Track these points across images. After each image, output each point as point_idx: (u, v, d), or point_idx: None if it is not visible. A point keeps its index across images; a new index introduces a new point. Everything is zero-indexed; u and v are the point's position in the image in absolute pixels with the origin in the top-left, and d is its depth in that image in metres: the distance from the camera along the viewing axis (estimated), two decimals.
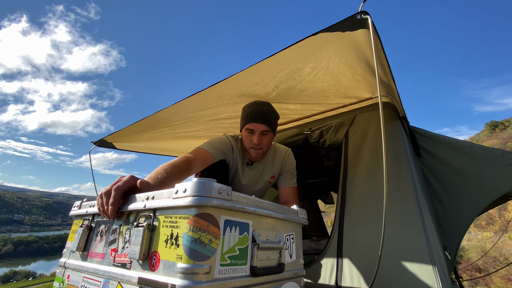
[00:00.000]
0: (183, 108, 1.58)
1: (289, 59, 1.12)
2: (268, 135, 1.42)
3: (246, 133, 1.42)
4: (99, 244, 0.79)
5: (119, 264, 0.68)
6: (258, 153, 1.41)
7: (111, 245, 0.74)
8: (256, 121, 1.37)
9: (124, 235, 0.71)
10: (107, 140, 2.11)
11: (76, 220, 0.96)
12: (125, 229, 0.72)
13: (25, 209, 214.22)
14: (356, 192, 1.49)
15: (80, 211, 0.94)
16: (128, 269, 0.65)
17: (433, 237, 1.17)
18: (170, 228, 0.60)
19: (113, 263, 0.70)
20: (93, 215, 0.88)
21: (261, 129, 1.38)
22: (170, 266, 0.56)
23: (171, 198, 0.62)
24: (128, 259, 0.66)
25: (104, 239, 0.78)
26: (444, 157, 1.78)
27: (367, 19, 0.77)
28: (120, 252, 0.70)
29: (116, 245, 0.72)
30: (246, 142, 1.43)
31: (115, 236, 0.74)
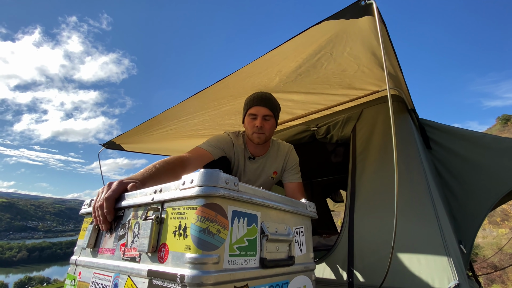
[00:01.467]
0: (188, 105, 1.59)
1: (292, 49, 1.11)
2: (270, 121, 1.43)
3: (248, 119, 1.44)
4: (109, 240, 0.79)
5: (128, 258, 0.69)
6: (261, 137, 1.41)
7: (120, 240, 0.74)
8: (258, 104, 1.39)
9: (133, 229, 0.71)
10: (115, 142, 2.13)
11: (86, 218, 0.97)
12: (133, 223, 0.72)
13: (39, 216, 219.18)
14: (366, 186, 1.46)
15: (90, 209, 0.95)
16: (138, 262, 0.65)
17: (447, 228, 1.14)
18: (178, 220, 0.60)
19: (122, 258, 0.71)
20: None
21: (264, 113, 1.40)
22: (179, 257, 0.56)
23: (178, 190, 0.62)
24: (137, 252, 0.66)
25: (114, 234, 0.78)
26: (455, 148, 1.73)
27: (372, 4, 0.76)
28: (130, 246, 0.70)
29: (126, 240, 0.72)
30: (249, 128, 1.43)
31: (124, 231, 0.75)
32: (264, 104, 1.41)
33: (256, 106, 1.41)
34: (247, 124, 1.45)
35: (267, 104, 1.42)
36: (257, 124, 1.39)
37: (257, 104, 1.41)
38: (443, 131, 1.82)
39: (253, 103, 1.42)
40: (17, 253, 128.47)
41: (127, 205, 0.76)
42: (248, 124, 1.44)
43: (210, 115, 1.98)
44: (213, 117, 2.03)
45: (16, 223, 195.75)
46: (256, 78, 1.49)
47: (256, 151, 1.53)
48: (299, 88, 1.70)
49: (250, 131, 1.44)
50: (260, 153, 1.53)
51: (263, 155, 1.54)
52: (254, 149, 1.52)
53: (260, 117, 1.40)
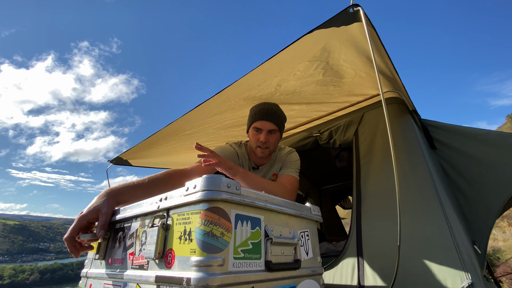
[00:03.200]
0: (191, 117, 1.63)
1: (287, 59, 1.15)
2: (275, 135, 1.41)
3: (253, 132, 1.41)
4: (118, 250, 0.81)
5: (137, 266, 0.70)
6: (264, 153, 1.40)
7: (129, 249, 0.76)
8: (263, 119, 1.37)
9: (141, 238, 0.73)
10: (122, 158, 2.18)
11: None
12: (141, 232, 0.74)
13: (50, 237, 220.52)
14: (371, 189, 1.45)
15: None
16: (146, 269, 0.66)
17: (457, 227, 1.12)
18: (183, 225, 0.61)
19: (131, 266, 0.72)
20: (112, 223, 0.91)
21: (269, 128, 1.37)
22: (184, 261, 0.57)
23: (182, 196, 0.64)
24: (145, 260, 0.68)
25: (122, 244, 0.80)
26: (460, 147, 1.72)
27: (359, 11, 0.79)
28: (138, 255, 0.71)
29: (134, 249, 0.74)
30: (253, 141, 1.41)
31: (132, 240, 0.76)
32: (270, 119, 1.38)
33: (261, 120, 1.37)
34: (252, 137, 1.43)
35: (273, 119, 1.39)
36: (262, 139, 1.36)
37: (263, 118, 1.37)
38: (446, 130, 1.81)
39: (258, 116, 1.39)
40: (29, 275, 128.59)
41: (134, 214, 0.78)
42: (253, 137, 1.42)
43: (214, 128, 2.02)
44: (217, 130, 2.07)
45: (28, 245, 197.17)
46: (256, 91, 1.53)
47: (260, 161, 1.53)
48: (300, 99, 1.73)
49: (254, 144, 1.42)
50: (263, 162, 1.53)
51: (266, 163, 1.55)
52: (258, 159, 1.52)
53: (265, 132, 1.37)
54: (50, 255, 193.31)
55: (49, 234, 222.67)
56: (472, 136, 1.71)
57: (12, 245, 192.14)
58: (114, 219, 0.88)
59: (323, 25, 0.85)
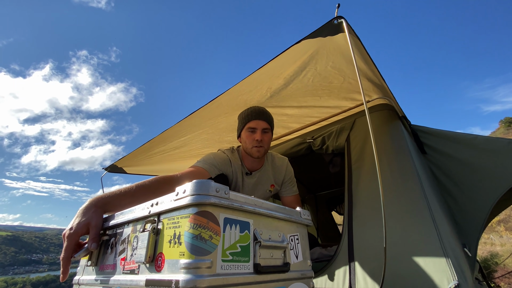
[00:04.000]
0: (186, 124, 1.66)
1: (277, 67, 1.19)
2: (268, 134, 1.46)
3: (247, 133, 1.45)
4: (110, 256, 0.82)
5: (128, 271, 0.71)
6: (260, 151, 1.43)
7: (120, 254, 0.77)
8: (257, 118, 1.43)
9: (132, 243, 0.74)
10: (117, 165, 2.19)
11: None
12: (133, 237, 0.75)
13: (43, 248, 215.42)
14: (363, 194, 1.48)
15: None
16: (137, 274, 0.67)
17: (445, 231, 1.15)
18: (173, 229, 0.63)
19: (123, 271, 0.73)
20: (104, 230, 0.92)
21: (263, 126, 1.43)
22: (174, 264, 0.59)
23: (172, 201, 0.66)
24: (136, 264, 0.69)
25: (114, 250, 0.81)
26: (450, 152, 1.76)
27: (342, 23, 0.83)
28: (129, 260, 0.72)
29: (125, 254, 0.75)
30: (248, 142, 1.45)
31: (124, 246, 0.77)
32: (263, 117, 1.45)
33: (255, 119, 1.43)
34: (246, 138, 1.46)
35: (266, 118, 1.46)
36: (257, 137, 1.40)
37: (256, 117, 1.43)
38: (436, 136, 1.85)
39: (251, 117, 1.44)
40: None
41: (126, 220, 0.79)
42: (247, 138, 1.45)
43: (208, 133, 2.05)
44: (211, 135, 2.10)
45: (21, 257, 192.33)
46: (248, 96, 1.57)
47: (253, 166, 1.56)
48: (291, 102, 1.77)
49: (249, 145, 1.45)
50: (256, 167, 1.56)
51: (259, 169, 1.57)
52: (251, 164, 1.55)
53: (260, 131, 1.42)
54: (43, 266, 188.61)
55: (42, 245, 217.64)
56: (460, 140, 1.75)
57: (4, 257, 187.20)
58: (106, 225, 0.89)
59: (310, 35, 0.90)
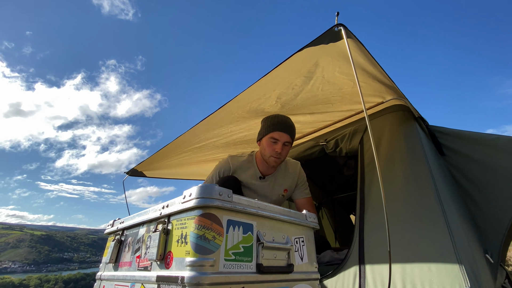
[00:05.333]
0: (198, 131, 1.72)
1: (282, 75, 1.21)
2: (288, 147, 1.50)
3: (268, 142, 1.47)
4: (127, 254, 0.89)
5: (142, 268, 0.77)
6: (277, 162, 1.48)
7: (136, 252, 0.84)
8: (282, 130, 1.45)
9: (146, 242, 0.80)
10: (137, 170, 2.31)
11: (110, 237, 1.09)
12: (146, 237, 0.81)
13: (74, 247, 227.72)
14: (375, 197, 1.46)
15: (112, 229, 1.07)
16: (149, 270, 0.74)
17: (460, 236, 1.11)
18: (181, 230, 0.69)
19: (138, 268, 0.79)
20: (122, 230, 1.00)
21: (285, 140, 1.46)
22: (180, 261, 0.65)
23: (180, 203, 0.72)
24: (149, 262, 0.75)
25: (131, 248, 0.88)
26: (470, 153, 1.69)
27: (341, 31, 0.85)
28: (143, 258, 0.79)
29: (140, 252, 0.82)
30: (268, 150, 1.47)
31: (139, 245, 0.84)
32: (288, 131, 1.46)
33: (280, 132, 1.45)
34: (266, 146, 1.48)
35: (290, 132, 1.48)
36: (278, 149, 1.43)
37: (281, 130, 1.45)
38: (455, 136, 1.78)
39: (277, 127, 1.46)
40: (54, 285, 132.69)
41: (141, 221, 0.86)
42: (268, 146, 1.47)
43: (222, 142, 2.11)
44: (225, 143, 2.15)
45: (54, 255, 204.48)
46: (257, 104, 1.60)
47: (266, 171, 1.59)
48: (302, 110, 1.79)
49: (268, 153, 1.47)
50: (269, 172, 1.59)
51: (272, 173, 1.60)
52: (265, 169, 1.58)
53: (281, 143, 1.44)
54: (73, 265, 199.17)
55: (73, 244, 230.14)
56: (480, 141, 1.67)
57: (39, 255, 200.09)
58: (124, 226, 0.96)
59: (311, 43, 0.92)
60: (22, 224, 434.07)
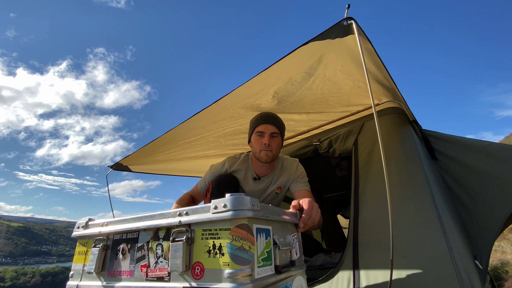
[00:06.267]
0: (191, 125, 1.65)
1: (283, 69, 1.17)
2: (277, 138, 1.46)
3: (256, 137, 1.47)
4: (123, 262, 0.81)
5: (154, 278, 0.73)
6: (269, 155, 1.44)
7: (139, 261, 0.77)
8: (265, 122, 1.45)
9: (155, 250, 0.75)
10: (122, 164, 2.20)
11: (80, 240, 0.95)
12: (155, 245, 0.75)
13: (52, 240, 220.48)
14: (369, 200, 1.44)
15: (88, 232, 0.93)
16: (167, 281, 0.70)
17: (456, 242, 1.11)
18: (211, 240, 0.67)
19: (146, 278, 0.74)
20: (107, 235, 0.89)
21: (271, 131, 1.44)
22: (217, 273, 0.63)
23: (209, 213, 0.69)
24: (164, 272, 0.71)
25: (128, 256, 0.80)
26: (462, 158, 1.70)
27: (352, 25, 0.81)
28: (153, 267, 0.74)
29: (147, 261, 0.76)
30: (257, 145, 1.46)
31: (143, 253, 0.77)
32: (272, 122, 1.46)
33: (264, 124, 1.45)
34: (254, 143, 1.47)
35: (274, 122, 1.46)
36: (265, 141, 1.41)
37: (265, 122, 1.45)
38: (448, 141, 1.79)
39: (260, 121, 1.46)
40: (31, 278, 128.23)
41: (142, 227, 0.79)
42: (256, 142, 1.46)
43: (214, 137, 2.04)
44: (217, 138, 2.09)
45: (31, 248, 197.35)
46: (254, 99, 1.55)
47: (262, 171, 1.55)
48: (298, 109, 1.75)
49: (257, 149, 1.45)
50: (266, 172, 1.55)
51: (269, 174, 1.56)
52: (260, 169, 1.54)
53: (268, 135, 1.43)
54: (52, 258, 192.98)
55: (52, 237, 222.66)
56: (473, 147, 1.69)
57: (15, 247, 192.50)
58: (113, 231, 0.86)
59: (318, 37, 0.87)
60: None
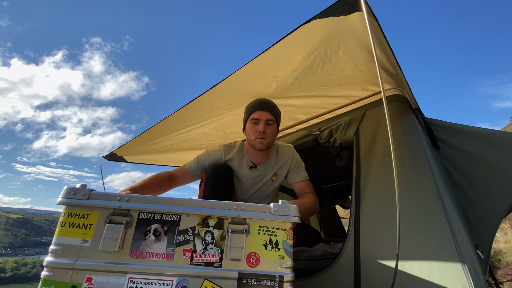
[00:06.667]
0: (186, 114, 1.58)
1: (283, 51, 1.09)
2: (272, 126, 1.41)
3: (250, 124, 1.42)
4: (157, 244, 0.79)
5: (201, 263, 0.77)
6: (263, 143, 1.39)
7: (180, 245, 0.79)
8: (260, 109, 1.39)
9: (204, 237, 0.80)
10: (117, 154, 2.14)
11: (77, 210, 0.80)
12: (203, 232, 0.80)
13: (52, 231, 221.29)
14: (371, 190, 1.40)
15: (92, 203, 0.80)
16: (218, 267, 0.77)
17: (460, 233, 1.07)
18: (268, 236, 0.82)
19: (191, 263, 0.77)
20: (128, 211, 0.81)
21: (266, 118, 1.39)
22: (272, 263, 0.79)
23: (270, 214, 0.84)
24: (215, 258, 0.78)
25: (165, 239, 0.79)
26: (465, 147, 1.65)
27: (359, 2, 0.73)
28: (201, 253, 0.78)
29: (192, 246, 0.79)
30: (251, 133, 1.41)
31: (186, 237, 0.80)
32: (267, 108, 1.40)
33: (259, 110, 1.40)
34: (249, 130, 1.43)
35: (270, 109, 1.41)
36: (260, 128, 1.37)
37: (260, 108, 1.40)
38: (451, 130, 1.74)
39: (255, 108, 1.41)
40: (31, 268, 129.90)
41: (188, 212, 0.81)
42: (250, 129, 1.42)
43: (211, 128, 1.97)
44: (215, 130, 2.01)
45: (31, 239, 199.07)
46: (252, 85, 1.48)
47: (257, 159, 1.50)
48: (297, 92, 1.67)
49: (252, 136, 1.41)
50: (261, 160, 1.50)
51: (264, 162, 1.51)
52: (255, 157, 1.49)
53: (263, 122, 1.39)
54: None
55: (52, 228, 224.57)
56: (477, 136, 1.64)
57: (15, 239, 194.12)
58: (140, 208, 0.81)
59: (321, 14, 0.80)
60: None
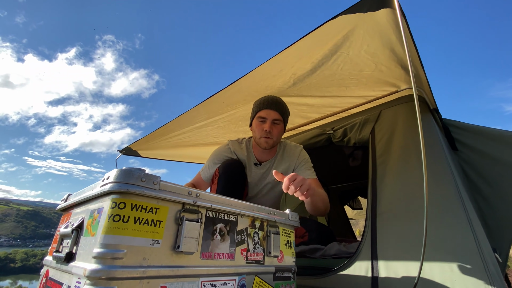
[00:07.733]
0: (203, 108, 1.59)
1: (306, 47, 1.08)
2: (279, 125, 1.39)
3: (257, 122, 1.40)
4: (222, 244, 0.73)
5: (252, 261, 0.81)
6: (269, 142, 1.37)
7: (239, 245, 0.79)
8: (268, 107, 1.36)
9: (253, 237, 0.84)
10: (132, 148, 2.17)
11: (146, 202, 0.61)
12: (252, 232, 0.85)
13: None
14: (387, 191, 1.38)
15: (164, 195, 0.63)
16: (263, 264, 0.84)
17: (482, 234, 1.05)
18: (286, 237, 0.97)
19: (246, 261, 0.79)
20: (197, 208, 0.69)
21: (273, 117, 1.36)
22: (289, 259, 0.95)
23: (288, 219, 0.99)
24: (260, 256, 0.84)
25: (227, 239, 0.75)
26: (484, 149, 1.62)
27: None
28: (253, 252, 0.82)
29: (246, 246, 0.80)
30: (257, 131, 1.39)
31: (242, 237, 0.80)
32: (275, 107, 1.37)
33: (266, 109, 1.37)
34: (255, 128, 1.41)
35: (278, 108, 1.38)
36: (266, 128, 1.34)
37: (267, 107, 1.37)
38: (470, 131, 1.71)
39: (263, 106, 1.38)
40: (40, 260, 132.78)
41: (244, 214, 0.83)
42: (257, 127, 1.40)
43: (224, 122, 1.98)
44: (227, 124, 2.02)
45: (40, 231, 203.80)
46: (270, 81, 1.47)
47: (263, 156, 1.49)
48: (314, 92, 1.66)
49: (258, 134, 1.39)
50: (266, 157, 1.50)
51: (269, 159, 1.50)
52: (261, 154, 1.48)
53: (270, 121, 1.36)
54: None
55: None
56: (496, 137, 1.61)
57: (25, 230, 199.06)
58: (210, 206, 0.72)
59: (349, 9, 0.79)
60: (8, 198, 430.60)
